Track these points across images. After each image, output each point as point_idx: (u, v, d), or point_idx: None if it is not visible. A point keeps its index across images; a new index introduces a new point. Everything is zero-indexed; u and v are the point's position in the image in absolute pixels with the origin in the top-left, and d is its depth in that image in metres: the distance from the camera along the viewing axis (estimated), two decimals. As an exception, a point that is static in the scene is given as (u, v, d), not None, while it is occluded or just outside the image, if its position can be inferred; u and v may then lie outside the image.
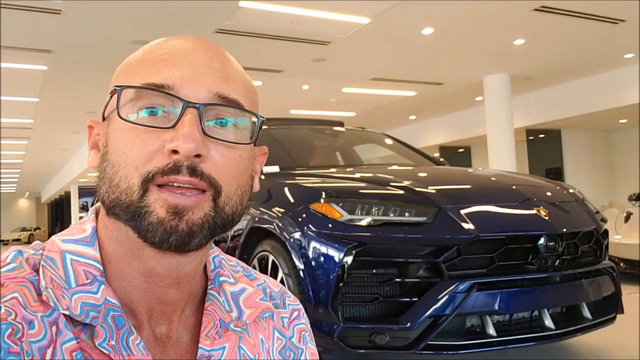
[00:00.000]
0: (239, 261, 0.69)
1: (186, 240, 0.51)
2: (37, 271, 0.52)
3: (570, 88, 10.19)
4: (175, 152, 0.49)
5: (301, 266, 2.32)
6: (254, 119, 0.56)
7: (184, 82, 0.52)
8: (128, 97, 0.52)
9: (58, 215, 30.76)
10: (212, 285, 0.61)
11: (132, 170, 0.50)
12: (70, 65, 7.44)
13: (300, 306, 0.70)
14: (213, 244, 0.64)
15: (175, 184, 0.50)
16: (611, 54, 8.19)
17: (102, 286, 0.52)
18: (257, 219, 2.74)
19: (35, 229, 31.52)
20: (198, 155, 0.50)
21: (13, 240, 29.28)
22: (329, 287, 2.20)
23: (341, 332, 2.15)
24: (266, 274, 2.57)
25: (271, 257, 2.53)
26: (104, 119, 0.56)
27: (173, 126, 0.50)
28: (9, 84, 8.21)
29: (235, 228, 2.97)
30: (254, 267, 2.68)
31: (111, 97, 0.54)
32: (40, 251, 0.54)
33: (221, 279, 0.62)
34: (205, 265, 0.63)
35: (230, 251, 3.02)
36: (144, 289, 0.55)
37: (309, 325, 0.70)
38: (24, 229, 31.62)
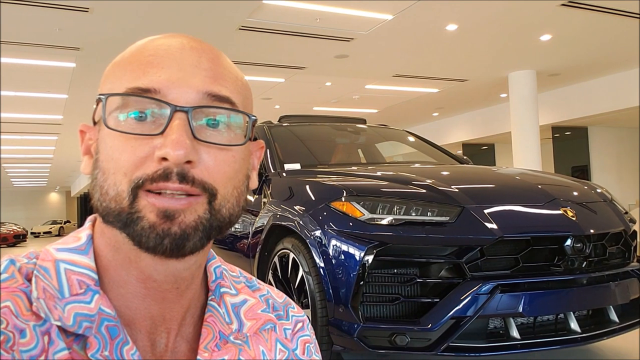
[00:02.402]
0: (242, 271, 0.67)
1: (180, 243, 0.50)
2: (30, 280, 0.51)
3: (598, 84, 9.97)
4: (164, 159, 0.48)
5: (322, 264, 2.32)
6: (247, 119, 0.55)
7: (170, 84, 0.51)
8: (115, 104, 0.51)
9: (87, 208, 31.43)
10: (213, 297, 0.60)
11: (121, 176, 0.49)
12: (98, 63, 7.56)
13: (305, 317, 0.68)
14: (215, 255, 0.63)
15: (167, 192, 0.49)
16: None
17: (96, 296, 0.51)
18: (278, 217, 2.74)
19: (65, 222, 32.25)
20: (189, 162, 0.49)
21: (44, 232, 30.05)
22: (350, 286, 2.19)
23: (361, 332, 2.14)
24: (286, 272, 2.58)
25: (292, 255, 2.53)
26: (94, 123, 0.55)
27: (162, 132, 0.49)
28: (38, 81, 8.40)
29: (257, 225, 2.99)
30: (275, 265, 2.69)
31: (97, 104, 0.53)
32: (34, 260, 0.53)
33: (222, 290, 0.61)
34: (206, 276, 0.62)
35: (251, 248, 3.03)
36: (143, 296, 0.54)
37: (314, 337, 0.69)
38: (54, 222, 32.39)
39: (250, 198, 3.21)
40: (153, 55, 0.52)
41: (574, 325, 2.26)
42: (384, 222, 2.26)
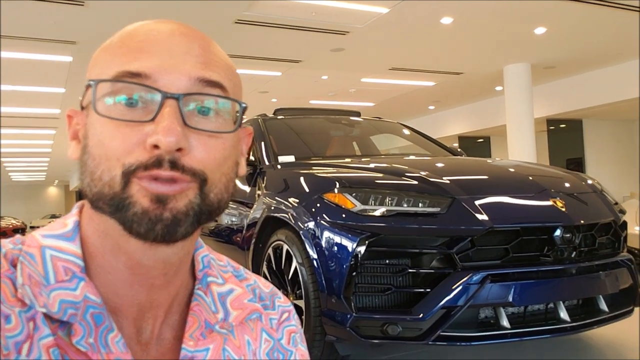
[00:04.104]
0: (230, 260, 0.67)
1: (172, 229, 0.50)
2: (15, 266, 0.51)
3: (593, 77, 9.99)
4: (156, 146, 0.48)
5: (315, 256, 2.34)
6: (237, 106, 0.55)
7: (161, 70, 0.50)
8: (105, 89, 0.51)
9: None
10: (200, 286, 0.60)
11: (114, 162, 0.49)
12: None
13: (291, 307, 0.69)
14: (203, 244, 0.63)
15: (157, 178, 0.49)
16: (635, 42, 8.00)
17: (82, 282, 0.51)
18: (272, 209, 2.77)
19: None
20: (180, 149, 0.49)
21: (43, 227, 30.03)
22: (342, 276, 2.21)
23: (354, 322, 2.16)
24: (280, 263, 2.60)
25: (285, 247, 2.56)
26: (82, 108, 0.55)
27: (152, 119, 0.49)
28: (35, 75, 8.38)
29: (251, 217, 3.01)
30: (269, 256, 2.72)
31: (87, 89, 0.53)
32: (20, 246, 0.53)
33: (209, 279, 0.61)
34: (194, 265, 0.62)
35: (246, 240, 3.05)
36: (130, 283, 0.54)
37: (300, 326, 0.69)
38: (53, 216, 32.39)
39: (246, 188, 3.23)
40: (143, 41, 0.52)
41: (564, 314, 2.29)
42: (376, 213, 2.28)
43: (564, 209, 2.38)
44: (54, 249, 0.52)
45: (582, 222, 2.38)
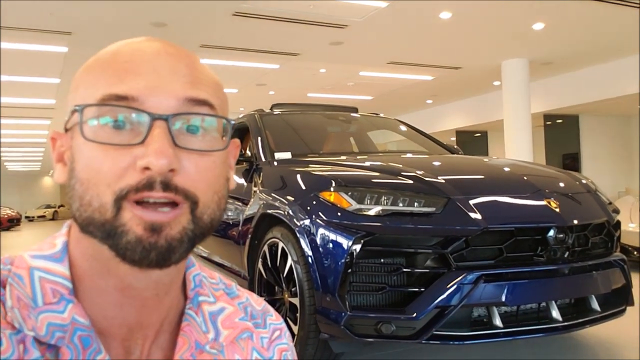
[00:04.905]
0: (221, 278, 0.67)
1: (167, 255, 0.49)
2: (5, 287, 0.51)
3: (590, 73, 10.00)
4: (147, 168, 0.48)
5: (310, 254, 2.35)
6: (224, 122, 0.54)
7: (149, 92, 0.50)
8: (91, 113, 0.50)
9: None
10: (190, 305, 0.59)
11: (104, 188, 0.48)
12: (90, 47, 7.50)
13: (283, 325, 0.68)
14: (194, 262, 0.63)
15: (150, 200, 0.48)
16: (632, 38, 8.00)
17: (70, 305, 0.50)
18: (268, 206, 2.77)
19: (59, 206, 32.17)
20: (171, 170, 0.48)
21: (38, 216, 29.95)
22: (337, 275, 2.22)
23: (348, 320, 2.18)
24: (276, 260, 2.61)
25: (281, 244, 2.57)
26: (66, 130, 0.54)
27: (142, 141, 0.48)
28: (31, 65, 8.34)
29: (247, 213, 3.01)
30: (264, 254, 2.73)
31: (72, 114, 0.52)
32: (8, 266, 0.52)
33: (200, 298, 0.61)
34: (184, 284, 0.61)
35: (242, 236, 3.06)
36: (120, 304, 0.53)
37: (292, 344, 0.69)
38: (48, 206, 32.32)
39: (242, 184, 3.23)
40: (128, 62, 0.51)
41: (556, 314, 2.30)
42: (372, 212, 2.28)
43: (557, 210, 2.39)
44: (43, 270, 0.52)
45: (575, 222, 2.40)
